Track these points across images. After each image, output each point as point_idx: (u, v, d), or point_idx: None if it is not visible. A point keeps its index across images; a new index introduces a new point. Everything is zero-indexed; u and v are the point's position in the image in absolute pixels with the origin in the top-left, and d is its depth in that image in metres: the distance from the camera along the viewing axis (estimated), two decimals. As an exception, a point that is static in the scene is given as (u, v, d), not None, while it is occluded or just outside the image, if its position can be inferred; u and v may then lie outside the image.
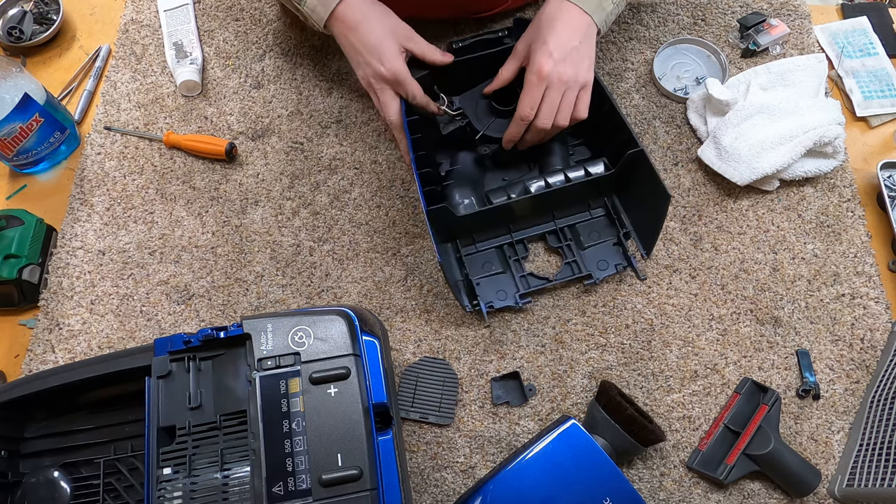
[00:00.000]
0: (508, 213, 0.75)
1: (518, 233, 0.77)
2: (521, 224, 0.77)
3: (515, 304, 0.73)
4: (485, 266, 0.76)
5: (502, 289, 0.74)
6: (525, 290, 0.74)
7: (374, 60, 0.70)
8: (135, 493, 0.57)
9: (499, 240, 0.77)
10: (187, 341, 0.53)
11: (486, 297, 0.74)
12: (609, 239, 0.76)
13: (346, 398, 0.50)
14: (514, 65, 0.74)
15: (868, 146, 0.85)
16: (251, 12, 0.93)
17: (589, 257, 0.76)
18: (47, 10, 0.92)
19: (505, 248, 0.76)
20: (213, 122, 0.86)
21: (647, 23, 0.91)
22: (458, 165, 0.79)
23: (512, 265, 0.75)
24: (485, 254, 0.76)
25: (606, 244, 0.76)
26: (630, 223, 0.76)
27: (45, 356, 0.73)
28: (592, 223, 0.77)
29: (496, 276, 0.75)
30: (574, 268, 0.75)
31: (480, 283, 0.75)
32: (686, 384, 0.72)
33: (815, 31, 0.91)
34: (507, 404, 0.71)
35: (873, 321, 0.74)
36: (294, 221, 0.80)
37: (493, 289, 0.74)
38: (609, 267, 0.75)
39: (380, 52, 0.70)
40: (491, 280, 0.75)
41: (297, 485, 0.47)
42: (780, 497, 0.67)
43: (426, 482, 0.68)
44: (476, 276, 0.75)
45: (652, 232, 0.73)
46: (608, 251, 0.76)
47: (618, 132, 0.73)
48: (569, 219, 0.77)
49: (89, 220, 0.80)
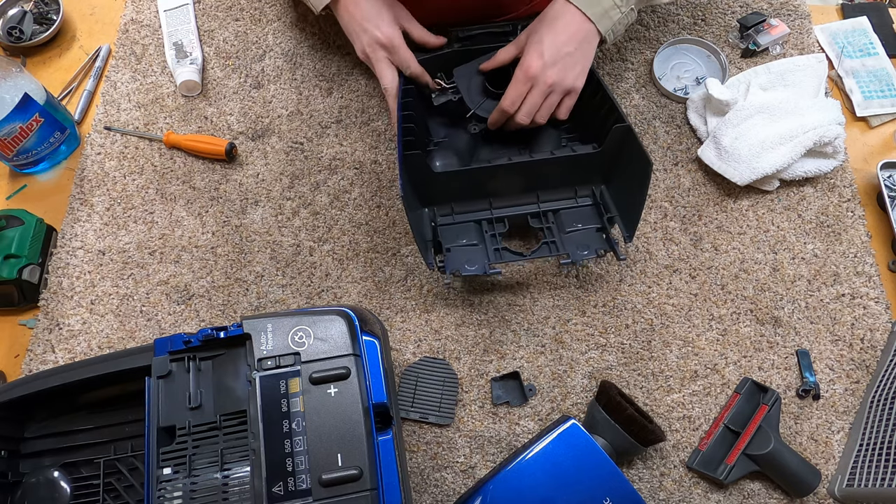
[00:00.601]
0: (489, 182, 0.73)
1: (499, 210, 0.75)
2: (503, 201, 0.75)
3: (484, 273, 0.69)
4: (459, 236, 0.73)
5: (472, 258, 0.71)
6: (494, 262, 0.70)
7: (372, 27, 0.73)
8: (135, 493, 0.57)
9: (478, 214, 0.74)
10: (187, 341, 0.53)
11: (454, 265, 0.70)
12: (592, 226, 0.73)
13: (346, 398, 0.50)
14: (512, 50, 0.74)
15: (868, 146, 0.85)
16: (251, 12, 0.93)
17: (570, 241, 0.72)
18: (47, 10, 0.92)
19: (483, 223, 0.74)
20: (213, 122, 0.86)
21: (647, 23, 0.91)
22: (448, 139, 0.79)
23: (487, 239, 0.73)
24: (462, 226, 0.74)
25: (589, 231, 0.73)
26: (615, 208, 0.73)
27: (45, 356, 0.73)
28: (577, 211, 0.75)
29: (469, 247, 0.72)
30: (552, 248, 0.72)
31: (451, 251, 0.71)
32: (686, 384, 0.72)
33: (815, 31, 0.91)
34: (507, 404, 0.71)
35: (873, 321, 0.74)
36: (294, 221, 0.80)
37: (463, 258, 0.71)
38: (589, 250, 0.71)
39: (377, 20, 0.73)
40: (463, 250, 0.72)
41: (297, 485, 0.47)
42: (780, 497, 0.67)
43: (426, 482, 0.68)
44: (448, 244, 0.72)
45: (634, 209, 0.70)
46: (590, 236, 0.72)
47: (608, 117, 0.71)
48: (553, 203, 0.75)
49: (89, 220, 0.80)
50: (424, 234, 0.73)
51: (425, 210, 0.75)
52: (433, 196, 0.74)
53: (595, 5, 0.70)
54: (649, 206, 0.80)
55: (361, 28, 0.74)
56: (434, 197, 0.74)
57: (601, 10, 0.70)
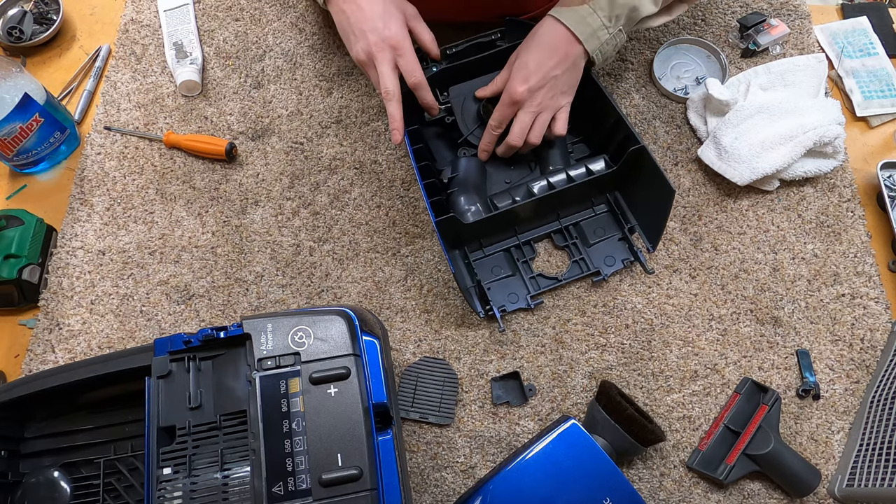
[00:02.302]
0: (514, 216, 0.75)
1: (524, 234, 0.77)
2: (527, 225, 0.77)
3: (528, 306, 0.74)
4: (494, 270, 0.76)
5: (513, 291, 0.75)
6: (536, 292, 0.74)
7: (380, 25, 0.68)
8: (135, 493, 0.57)
9: (505, 242, 0.77)
10: (187, 341, 0.53)
11: (498, 301, 0.74)
12: (614, 234, 0.77)
13: (346, 398, 0.50)
14: (505, 75, 0.73)
15: (868, 146, 0.85)
16: (251, 12, 0.93)
17: (595, 254, 0.76)
18: (47, 10, 0.92)
19: (512, 250, 0.77)
20: (213, 122, 0.86)
21: (647, 23, 0.91)
22: (459, 172, 0.78)
23: (521, 267, 0.76)
24: (493, 257, 0.77)
25: (612, 240, 0.77)
26: (634, 218, 0.76)
27: (45, 356, 0.73)
28: (597, 220, 0.78)
29: (506, 279, 0.75)
30: (582, 266, 0.75)
31: (491, 288, 0.75)
32: (686, 384, 0.72)
33: (815, 31, 0.91)
34: (507, 404, 0.71)
35: (873, 321, 0.74)
36: (294, 221, 0.80)
37: (504, 292, 0.75)
38: (616, 262, 0.75)
39: (386, 17, 0.68)
40: (501, 283, 0.75)
41: (297, 485, 0.47)
42: (780, 497, 0.67)
43: (426, 482, 0.68)
44: (487, 281, 0.75)
45: (657, 226, 0.73)
46: (614, 247, 0.76)
47: (616, 129, 0.73)
48: (573, 217, 0.78)
49: (89, 220, 0.80)
50: (465, 280, 0.75)
51: (456, 252, 0.76)
52: (463, 239, 0.76)
53: (583, 25, 0.69)
54: (649, 206, 0.80)
55: (369, 28, 0.68)
56: (464, 239, 0.76)
57: (590, 30, 0.69)
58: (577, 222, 0.77)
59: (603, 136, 0.77)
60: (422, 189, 0.71)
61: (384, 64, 0.68)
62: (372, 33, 0.68)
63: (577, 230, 0.77)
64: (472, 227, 0.72)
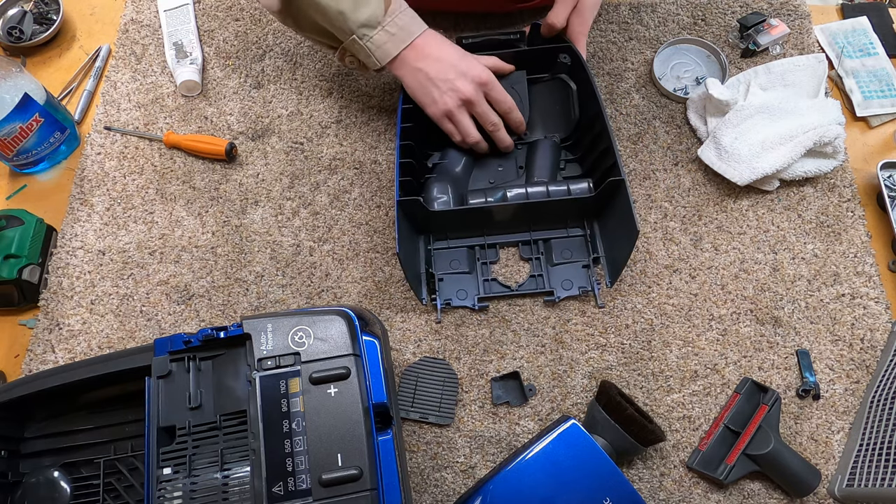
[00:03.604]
0: (484, 216, 0.75)
1: (492, 237, 0.77)
2: (497, 229, 0.77)
3: (473, 306, 0.73)
4: (452, 263, 0.76)
5: (464, 288, 0.75)
6: (485, 294, 0.74)
7: (468, 67, 0.69)
8: (135, 493, 0.57)
9: (471, 240, 0.77)
10: (187, 341, 0.53)
11: (446, 294, 0.74)
12: (580, 261, 0.76)
13: (346, 398, 0.50)
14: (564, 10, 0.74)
15: (868, 146, 0.85)
16: (251, 12, 0.93)
17: (556, 274, 0.75)
18: (47, 10, 0.92)
19: (476, 248, 0.77)
20: (213, 122, 0.86)
21: (647, 23, 0.91)
22: (445, 160, 0.79)
23: (479, 267, 0.76)
24: (455, 251, 0.76)
25: (576, 265, 0.75)
26: (602, 249, 0.76)
27: (45, 356, 0.73)
28: (568, 242, 0.77)
29: (461, 275, 0.75)
30: (539, 282, 0.75)
31: (444, 280, 0.75)
32: (686, 384, 0.72)
33: (815, 31, 0.91)
34: (507, 404, 0.71)
35: (873, 321, 0.74)
36: (294, 221, 0.80)
37: (455, 286, 0.75)
38: (573, 287, 0.74)
39: (468, 59, 0.70)
40: (455, 278, 0.75)
41: (297, 485, 0.47)
42: (780, 497, 0.67)
43: (426, 482, 0.68)
44: (441, 272, 0.75)
45: (619, 262, 0.72)
46: (576, 272, 0.75)
47: (605, 156, 0.73)
48: (545, 233, 0.77)
49: (89, 220, 0.80)
50: (417, 267, 0.75)
51: (420, 238, 0.76)
52: (429, 226, 0.76)
53: None
54: (649, 206, 0.80)
55: (454, 73, 0.69)
56: (430, 227, 0.76)
57: None
58: (547, 239, 0.77)
59: (594, 159, 0.77)
60: (396, 166, 0.71)
61: (481, 105, 0.71)
62: (459, 80, 0.69)
63: (545, 247, 0.77)
64: (437, 216, 0.72)
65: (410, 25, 0.69)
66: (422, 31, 0.70)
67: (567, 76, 0.80)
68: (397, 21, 0.68)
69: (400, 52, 0.69)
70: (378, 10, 0.67)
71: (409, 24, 0.69)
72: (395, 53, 0.69)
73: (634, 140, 0.84)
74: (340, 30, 0.68)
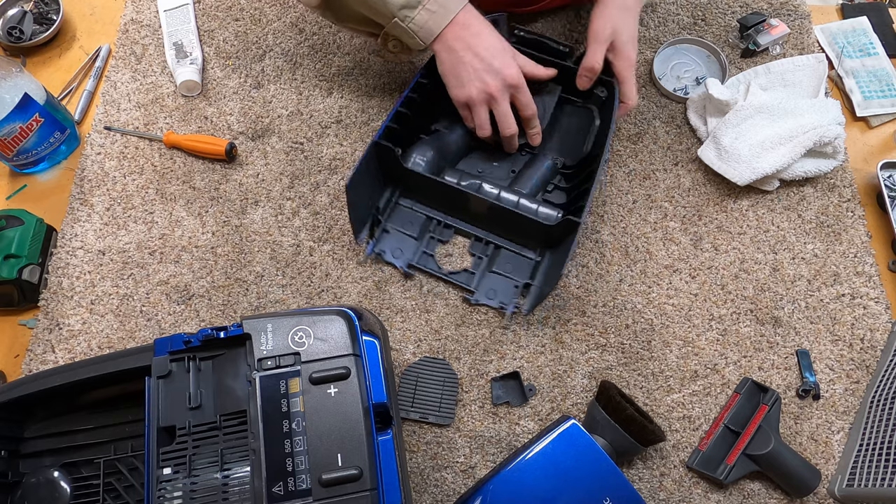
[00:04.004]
0: (451, 196, 0.75)
1: (454, 219, 0.78)
2: (462, 214, 0.78)
3: (401, 268, 0.75)
4: (406, 224, 0.78)
5: (402, 248, 0.76)
6: (416, 264, 0.76)
7: (503, 65, 0.68)
8: (135, 493, 0.57)
9: (434, 213, 0.78)
10: (187, 341, 0.53)
11: (382, 246, 0.76)
12: (515, 280, 0.75)
13: (346, 398, 0.50)
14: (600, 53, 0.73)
15: (868, 146, 0.85)
16: (251, 12, 0.93)
17: (487, 280, 0.75)
18: (47, 10, 0.92)
19: (434, 222, 0.78)
20: (213, 122, 0.86)
21: (647, 23, 0.91)
22: (447, 131, 0.79)
23: (426, 238, 0.77)
24: (415, 215, 0.78)
25: (509, 282, 0.75)
26: (538, 279, 0.75)
27: (45, 356, 0.73)
28: (515, 258, 0.76)
29: (407, 236, 0.77)
30: (469, 279, 0.75)
31: (389, 231, 0.77)
32: (686, 384, 0.72)
33: (815, 31, 0.91)
34: (507, 404, 0.71)
35: (873, 321, 0.74)
36: (294, 221, 0.80)
37: (395, 243, 0.77)
38: (494, 299, 0.74)
39: (505, 56, 0.69)
40: (400, 237, 0.77)
41: (297, 485, 0.47)
42: (780, 497, 0.67)
43: (426, 482, 0.68)
44: (391, 224, 0.77)
45: (542, 296, 0.72)
46: (505, 287, 0.75)
47: (583, 196, 0.71)
48: (501, 240, 0.77)
49: (89, 220, 0.80)
50: (367, 209, 0.76)
51: (389, 188, 0.78)
52: (399, 182, 0.77)
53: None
54: (649, 206, 0.80)
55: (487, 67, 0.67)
56: (400, 183, 0.77)
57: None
58: (498, 246, 0.77)
59: (576, 196, 0.76)
60: (391, 112, 0.72)
61: (504, 105, 0.70)
62: (489, 74, 0.68)
63: (493, 252, 0.77)
64: (407, 175, 0.73)
65: (450, 2, 0.68)
66: (462, 6, 0.68)
67: (597, 110, 0.80)
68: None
69: (442, 30, 0.68)
70: None
71: (448, 1, 0.68)
72: (438, 31, 0.68)
73: (634, 140, 0.84)
74: (381, 14, 0.68)
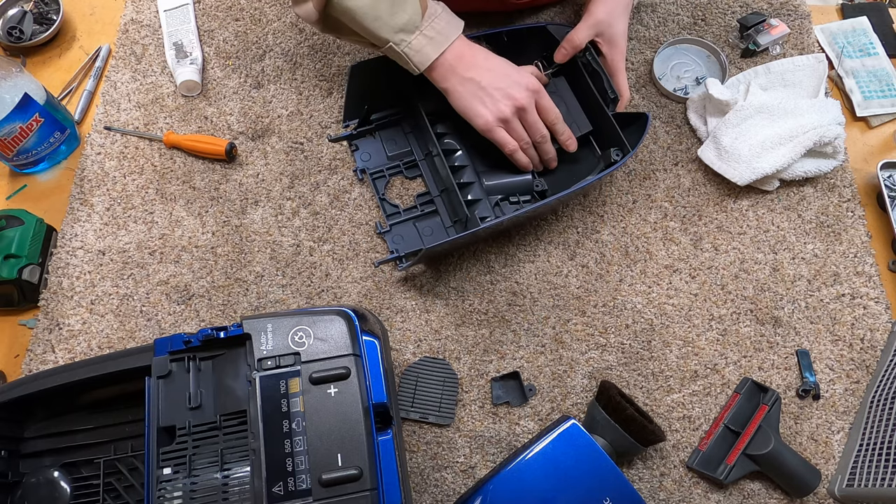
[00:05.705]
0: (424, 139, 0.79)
1: (423, 164, 0.81)
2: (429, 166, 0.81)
3: (355, 170, 0.80)
4: (388, 141, 0.82)
5: (373, 155, 0.82)
6: (370, 172, 0.80)
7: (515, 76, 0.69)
8: (135, 493, 0.57)
9: (415, 148, 0.82)
10: (187, 341, 0.53)
11: (362, 144, 0.82)
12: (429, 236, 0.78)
13: (346, 398, 0.50)
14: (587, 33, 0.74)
15: (868, 146, 0.85)
16: (251, 12, 0.93)
17: (403, 229, 0.78)
18: (47, 10, 0.92)
19: (409, 155, 0.82)
20: (213, 122, 0.86)
21: (647, 23, 0.91)
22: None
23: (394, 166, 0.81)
24: (401, 140, 0.82)
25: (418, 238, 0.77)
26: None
27: (45, 356, 0.73)
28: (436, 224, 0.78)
29: (382, 151, 0.82)
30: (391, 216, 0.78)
31: (375, 137, 0.82)
32: (686, 384, 0.72)
33: (815, 31, 0.91)
34: (507, 404, 0.71)
35: (873, 321, 0.74)
36: (294, 221, 0.80)
37: (373, 147, 0.82)
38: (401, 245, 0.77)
39: (518, 70, 0.69)
40: (377, 147, 0.82)
41: (297, 485, 0.47)
42: (780, 497, 0.67)
43: (426, 482, 0.68)
44: (378, 133, 0.82)
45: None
46: (415, 242, 0.77)
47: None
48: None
49: (89, 220, 0.80)
50: (365, 101, 0.78)
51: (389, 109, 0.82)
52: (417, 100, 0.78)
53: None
54: (649, 206, 0.80)
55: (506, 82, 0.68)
56: (418, 101, 0.77)
57: None
58: (433, 212, 0.79)
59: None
60: None
61: (533, 113, 0.70)
62: (512, 87, 0.68)
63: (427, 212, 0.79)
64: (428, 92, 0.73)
65: (448, 29, 0.68)
66: (458, 35, 0.68)
67: (602, 166, 0.77)
68: (435, 25, 0.67)
69: (439, 57, 0.67)
70: (415, 14, 0.65)
71: (446, 28, 0.67)
72: (435, 57, 0.67)
73: (634, 140, 0.84)
74: (377, 38, 0.66)
